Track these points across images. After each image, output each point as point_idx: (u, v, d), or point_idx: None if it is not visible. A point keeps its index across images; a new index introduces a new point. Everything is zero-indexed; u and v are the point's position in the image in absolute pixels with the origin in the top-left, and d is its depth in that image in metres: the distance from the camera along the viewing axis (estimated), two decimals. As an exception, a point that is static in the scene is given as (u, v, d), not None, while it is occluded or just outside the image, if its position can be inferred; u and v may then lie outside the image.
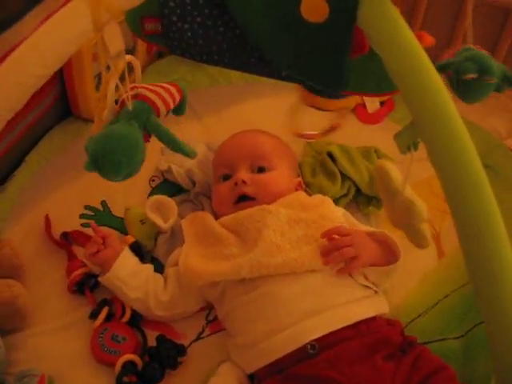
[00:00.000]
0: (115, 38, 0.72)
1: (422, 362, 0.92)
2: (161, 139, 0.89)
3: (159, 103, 0.90)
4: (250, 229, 1.05)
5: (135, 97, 0.89)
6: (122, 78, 0.82)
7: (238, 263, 1.01)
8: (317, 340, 0.93)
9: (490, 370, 1.02)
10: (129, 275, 1.08)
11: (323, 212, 1.07)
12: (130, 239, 1.15)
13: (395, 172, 0.79)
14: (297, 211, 1.07)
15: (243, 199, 1.11)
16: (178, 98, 0.95)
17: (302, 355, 0.93)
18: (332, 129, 1.38)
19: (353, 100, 1.22)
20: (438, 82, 0.66)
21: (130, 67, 0.88)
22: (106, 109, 0.89)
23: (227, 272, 1.01)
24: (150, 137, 0.94)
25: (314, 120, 1.19)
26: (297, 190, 1.18)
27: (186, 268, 1.05)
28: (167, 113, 0.94)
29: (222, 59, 0.80)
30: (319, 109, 1.06)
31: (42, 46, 0.69)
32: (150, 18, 0.77)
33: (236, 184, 1.12)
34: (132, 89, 0.88)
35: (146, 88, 0.92)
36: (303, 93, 1.03)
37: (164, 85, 0.95)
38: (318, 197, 1.16)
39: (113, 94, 0.88)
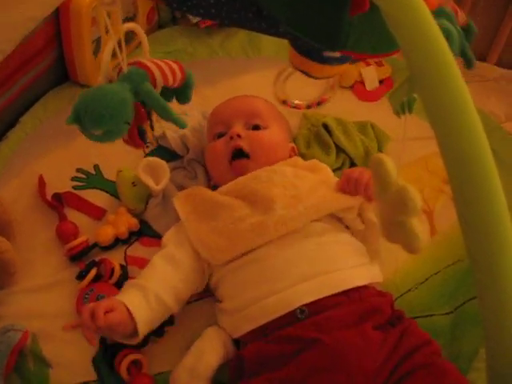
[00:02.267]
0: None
1: (408, 336, 0.91)
2: (152, 106, 0.87)
3: (157, 73, 0.89)
4: (258, 189, 1.03)
5: (134, 64, 0.88)
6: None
7: (259, 223, 0.98)
8: (307, 305, 0.92)
9: (477, 346, 1.03)
10: (152, 324, 0.98)
11: (323, 178, 1.09)
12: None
13: (391, 164, 0.77)
14: (299, 169, 1.08)
15: (238, 156, 1.10)
16: (179, 76, 0.94)
17: (290, 319, 0.92)
18: (320, 102, 1.38)
19: (344, 69, 1.20)
20: (439, 36, 0.65)
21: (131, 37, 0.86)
22: (100, 73, 0.88)
23: (253, 238, 0.98)
24: (145, 142, 0.93)
25: (303, 91, 1.18)
26: (291, 156, 1.18)
27: (205, 247, 1.00)
28: (167, 91, 0.92)
29: (219, 13, 0.78)
30: (307, 74, 1.04)
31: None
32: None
33: (231, 138, 1.11)
34: (133, 60, 0.87)
35: (147, 59, 0.90)
36: (294, 56, 1.01)
37: (167, 61, 0.94)
38: (314, 161, 1.16)
39: (108, 58, 0.87)
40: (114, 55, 0.88)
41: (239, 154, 1.11)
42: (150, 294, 0.96)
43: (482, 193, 0.65)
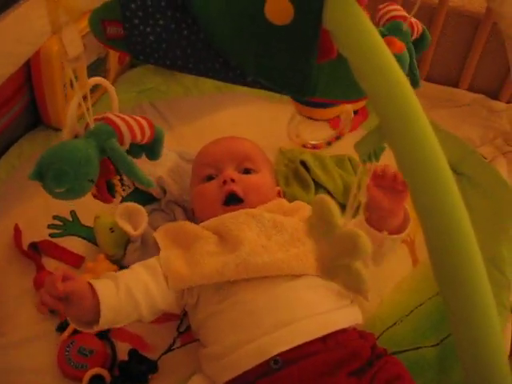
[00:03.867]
0: (74, 41, 0.70)
1: (379, 374, 0.90)
2: (117, 164, 0.86)
3: (124, 129, 0.87)
4: (232, 229, 1.02)
5: (101, 120, 0.87)
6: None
7: (222, 262, 0.97)
8: (281, 354, 0.90)
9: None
10: (116, 315, 0.93)
11: (304, 216, 1.05)
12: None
13: (334, 205, 0.76)
14: (280, 216, 1.06)
15: (232, 201, 1.09)
16: (148, 133, 0.92)
17: (265, 370, 0.90)
18: (339, 136, 1.38)
19: (349, 105, 1.20)
20: (405, 85, 0.65)
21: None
22: (66, 128, 0.87)
23: (212, 273, 0.97)
24: (113, 196, 0.91)
25: (315, 130, 1.18)
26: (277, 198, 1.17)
27: (169, 271, 1.00)
28: (136, 147, 0.91)
29: (186, 64, 0.77)
30: (315, 119, 1.05)
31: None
32: (111, 21, 0.75)
33: (224, 182, 1.09)
34: (101, 115, 0.86)
35: (115, 114, 0.89)
36: (296, 104, 1.01)
37: (136, 117, 0.92)
38: (298, 202, 1.15)
39: (73, 113, 0.85)
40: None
41: (233, 198, 1.09)
42: (120, 283, 0.95)
43: (453, 236, 0.65)
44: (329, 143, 1.37)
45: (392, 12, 1.08)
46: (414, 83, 0.88)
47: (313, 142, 1.33)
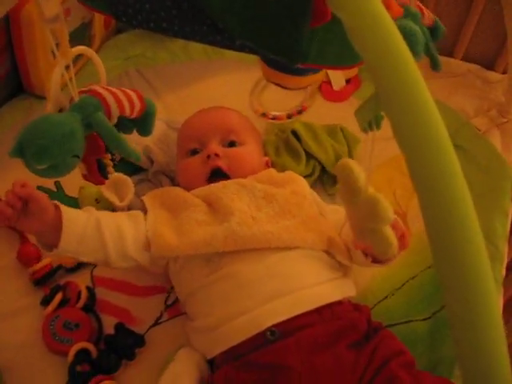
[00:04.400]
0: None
1: (380, 349, 0.89)
2: (104, 138, 0.82)
3: (111, 102, 0.83)
4: (223, 198, 1.00)
5: (87, 92, 0.83)
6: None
7: (210, 232, 0.95)
8: (277, 325, 0.88)
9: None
10: (79, 243, 0.91)
11: (295, 188, 1.05)
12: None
13: (358, 170, 0.74)
14: (271, 186, 1.04)
15: (216, 175, 1.06)
16: (138, 106, 0.88)
17: (260, 341, 0.88)
18: (301, 110, 1.34)
19: (319, 78, 1.17)
20: (405, 50, 0.62)
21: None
22: (49, 101, 0.83)
23: (199, 243, 0.95)
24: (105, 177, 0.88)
25: (280, 99, 1.15)
26: (266, 169, 1.14)
27: (154, 235, 0.97)
28: (126, 122, 0.87)
29: (171, 27, 0.73)
30: (283, 87, 1.01)
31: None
32: (90, -22, 0.70)
33: (208, 157, 1.07)
34: (87, 87, 0.82)
35: (102, 86, 0.85)
36: (265, 69, 0.97)
37: (125, 89, 0.88)
38: (290, 173, 1.12)
39: (56, 85, 0.81)
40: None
41: (218, 173, 1.07)
42: (92, 215, 0.93)
43: (451, 210, 0.62)
44: (289, 116, 1.33)
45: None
46: (435, 66, 0.85)
47: (274, 113, 1.30)
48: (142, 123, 0.91)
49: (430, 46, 0.89)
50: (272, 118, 1.30)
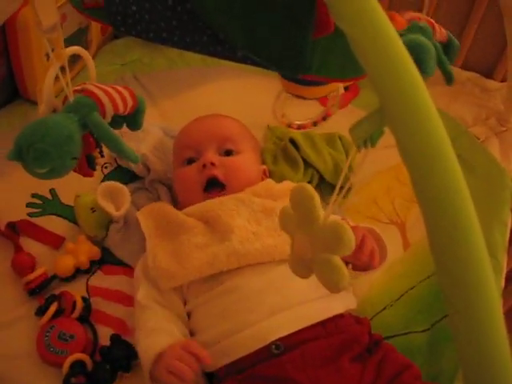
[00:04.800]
0: (48, 9, 0.64)
1: (386, 363, 0.89)
2: (101, 139, 0.80)
3: (105, 101, 0.81)
4: (221, 216, 0.99)
5: (80, 92, 0.82)
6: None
7: (212, 253, 0.95)
8: (282, 339, 0.88)
9: (457, 364, 1.00)
10: None
11: None
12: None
13: (317, 196, 0.71)
14: (269, 200, 1.03)
15: (212, 185, 1.05)
16: (130, 104, 0.87)
17: (265, 355, 0.88)
18: (325, 117, 1.33)
19: (335, 86, 1.16)
20: (408, 62, 0.61)
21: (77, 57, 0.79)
22: (43, 103, 0.81)
23: (202, 267, 0.94)
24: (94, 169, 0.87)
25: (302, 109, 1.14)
26: (263, 178, 1.14)
27: (157, 271, 0.97)
28: (117, 118, 0.86)
29: (171, 37, 0.72)
30: (303, 98, 1.01)
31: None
32: (88, -13, 0.69)
33: (204, 166, 1.06)
34: (80, 86, 0.81)
35: (95, 85, 0.84)
36: (283, 82, 0.96)
37: (117, 86, 0.87)
38: (287, 184, 1.11)
39: (50, 86, 0.80)
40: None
41: (214, 183, 1.06)
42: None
43: (454, 220, 0.61)
44: (315, 124, 1.32)
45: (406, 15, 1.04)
46: (449, 80, 0.84)
47: (298, 122, 1.29)
48: (133, 119, 0.90)
49: (443, 61, 0.88)
50: (297, 128, 1.29)
